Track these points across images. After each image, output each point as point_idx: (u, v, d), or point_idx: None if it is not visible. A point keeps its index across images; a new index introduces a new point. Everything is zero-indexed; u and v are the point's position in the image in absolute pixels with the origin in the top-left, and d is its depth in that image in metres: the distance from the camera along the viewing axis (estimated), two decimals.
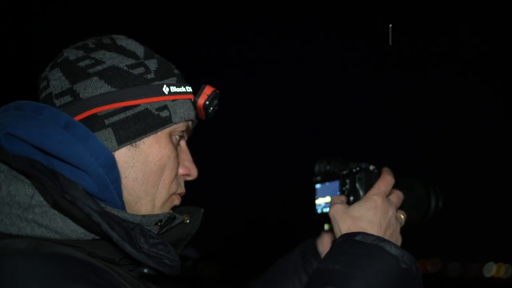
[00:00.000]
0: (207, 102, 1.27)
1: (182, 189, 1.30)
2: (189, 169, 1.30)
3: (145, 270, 1.06)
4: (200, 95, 1.27)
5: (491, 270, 18.93)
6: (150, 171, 1.18)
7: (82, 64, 1.18)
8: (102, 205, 1.09)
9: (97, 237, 1.06)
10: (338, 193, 1.55)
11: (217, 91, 1.31)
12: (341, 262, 1.16)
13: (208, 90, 1.28)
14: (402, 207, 1.59)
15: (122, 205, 1.15)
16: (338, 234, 1.32)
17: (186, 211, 1.32)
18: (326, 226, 1.62)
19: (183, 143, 1.30)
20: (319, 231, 1.70)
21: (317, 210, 1.62)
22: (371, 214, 1.30)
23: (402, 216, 1.44)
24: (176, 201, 1.30)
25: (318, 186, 1.63)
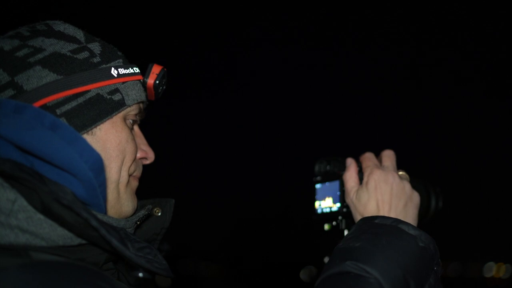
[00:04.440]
0: (157, 82, 1.22)
1: (139, 172, 1.26)
2: (146, 153, 1.26)
3: (140, 274, 1.04)
4: (149, 75, 1.22)
5: (491, 270, 18.92)
6: (110, 158, 1.14)
7: (20, 53, 1.09)
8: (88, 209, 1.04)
9: (83, 242, 1.02)
10: (338, 193, 1.55)
11: (165, 69, 1.25)
12: (361, 240, 1.19)
13: (156, 69, 1.23)
14: None
15: (105, 210, 1.11)
16: (356, 219, 1.38)
17: (156, 203, 1.28)
18: (326, 226, 1.61)
19: (136, 127, 1.26)
20: (319, 231, 1.69)
21: (317, 210, 1.62)
22: (377, 194, 1.33)
23: (402, 173, 1.48)
24: (135, 182, 1.25)
25: (318, 186, 1.62)
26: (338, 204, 1.55)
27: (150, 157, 1.27)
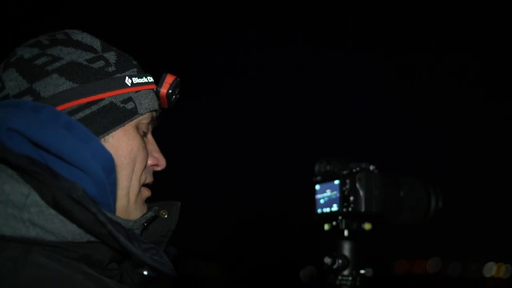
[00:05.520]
0: (169, 91, 1.26)
1: (150, 179, 1.28)
2: (157, 160, 1.28)
3: (145, 272, 1.06)
4: (162, 84, 1.26)
5: (491, 270, 18.94)
6: (121, 165, 1.17)
7: (39, 62, 1.14)
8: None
9: (92, 239, 1.04)
10: (338, 194, 1.55)
11: (178, 79, 1.29)
12: None
13: (169, 79, 1.27)
14: (402, 207, 1.59)
15: (114, 211, 1.14)
16: None
17: (162, 205, 1.31)
18: (326, 226, 1.62)
19: (149, 134, 1.28)
20: (319, 231, 1.70)
21: (317, 210, 1.62)
22: None
23: None
24: (147, 192, 1.28)
25: (318, 186, 1.63)
26: (338, 204, 1.55)
27: (162, 164, 1.29)
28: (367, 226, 1.58)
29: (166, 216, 1.27)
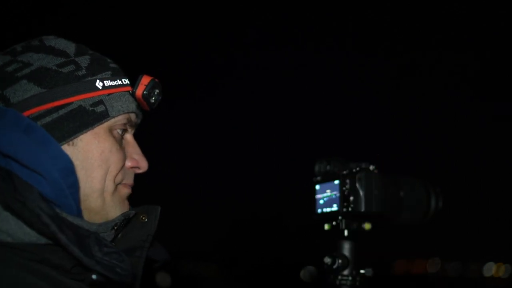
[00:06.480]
0: (145, 92, 1.23)
1: (129, 181, 1.27)
2: (137, 162, 1.26)
3: (94, 277, 1.05)
4: (137, 86, 1.23)
5: (491, 270, 18.95)
6: (92, 167, 1.17)
7: (9, 68, 1.17)
8: (58, 210, 1.08)
9: (50, 242, 1.04)
10: (338, 194, 1.55)
11: (156, 80, 1.26)
12: None
13: (145, 80, 1.24)
14: (402, 207, 1.60)
15: (78, 213, 1.14)
16: None
17: (142, 210, 1.29)
18: (326, 226, 1.62)
19: (128, 136, 1.28)
20: (319, 231, 1.70)
21: (317, 210, 1.63)
22: None
23: None
24: (125, 190, 1.26)
25: (318, 186, 1.63)
26: (338, 204, 1.56)
27: (143, 166, 1.27)
28: (367, 226, 1.58)
29: (146, 220, 1.25)
